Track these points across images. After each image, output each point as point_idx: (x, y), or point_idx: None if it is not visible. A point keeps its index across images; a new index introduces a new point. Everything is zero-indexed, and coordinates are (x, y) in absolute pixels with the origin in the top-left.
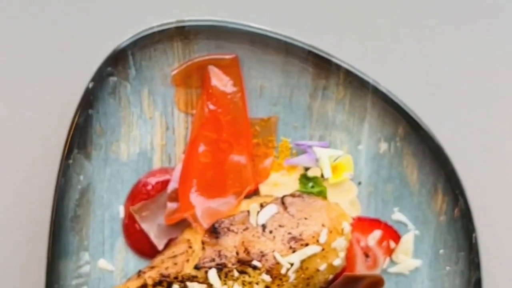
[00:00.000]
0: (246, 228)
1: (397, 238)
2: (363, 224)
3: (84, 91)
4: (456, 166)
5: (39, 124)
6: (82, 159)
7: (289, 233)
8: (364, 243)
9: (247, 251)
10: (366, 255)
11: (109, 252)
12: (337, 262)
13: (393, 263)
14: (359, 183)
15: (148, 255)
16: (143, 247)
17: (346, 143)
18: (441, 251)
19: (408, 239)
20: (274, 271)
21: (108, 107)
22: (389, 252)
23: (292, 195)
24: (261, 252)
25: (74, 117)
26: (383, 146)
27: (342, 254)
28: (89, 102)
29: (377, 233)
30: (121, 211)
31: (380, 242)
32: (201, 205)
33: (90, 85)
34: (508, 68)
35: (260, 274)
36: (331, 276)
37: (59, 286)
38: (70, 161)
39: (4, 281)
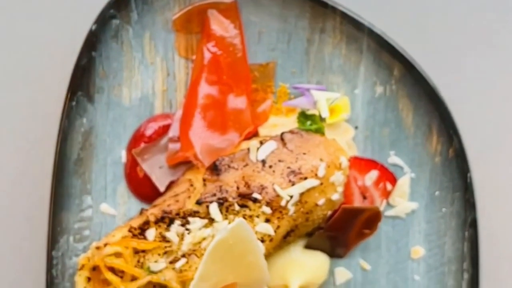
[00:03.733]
0: (246, 165)
1: (393, 180)
2: (360, 163)
3: (87, 33)
4: (450, 107)
5: (43, 65)
6: (85, 101)
7: (288, 168)
8: (361, 183)
9: (247, 185)
10: (364, 197)
11: (111, 197)
12: (335, 197)
13: (389, 206)
14: (356, 128)
15: (150, 200)
16: (145, 190)
17: (343, 87)
18: (437, 192)
19: (404, 182)
20: (274, 204)
21: (110, 50)
22: (386, 194)
23: (291, 132)
24: (261, 185)
25: (78, 58)
26: (379, 89)
27: (340, 189)
28: (92, 44)
29: (373, 174)
30: (123, 156)
31: (377, 183)
32: (201, 144)
33: (93, 27)
34: (503, 9)
35: (260, 207)
36: (329, 212)
37: (61, 229)
38: (74, 103)
39: (7, 224)
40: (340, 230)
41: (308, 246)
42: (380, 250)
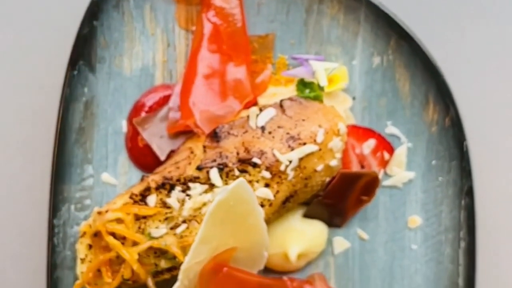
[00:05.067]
0: (246, 131)
1: (390, 149)
2: (358, 132)
3: (89, 2)
4: (446, 76)
5: (45, 34)
6: (87, 71)
7: (288, 133)
8: (359, 151)
9: (247, 151)
10: (362, 166)
11: (112, 167)
12: (334, 163)
13: (387, 176)
14: (354, 98)
15: (150, 169)
16: (145, 160)
17: (341, 58)
18: (434, 162)
19: (401, 152)
20: (273, 168)
21: (112, 20)
22: (383, 164)
23: (290, 99)
24: (261, 150)
25: (80, 27)
26: (376, 60)
27: (338, 155)
28: (94, 14)
29: (371, 142)
30: (124, 126)
31: (374, 152)
32: (201, 112)
33: None
34: None
35: (259, 172)
36: (327, 179)
37: (63, 198)
38: (75, 72)
39: (9, 193)
40: (338, 196)
41: (306, 216)
42: (377, 220)
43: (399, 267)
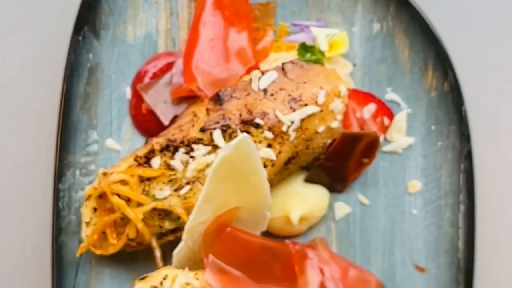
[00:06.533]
0: (248, 94)
1: (390, 115)
2: (358, 96)
3: None
4: (445, 40)
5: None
6: (91, 37)
7: (289, 95)
8: (359, 115)
9: (250, 112)
10: (362, 130)
11: (116, 132)
12: (335, 124)
13: (387, 141)
14: (354, 65)
15: (154, 136)
16: (149, 126)
17: (341, 25)
18: (433, 127)
19: (401, 118)
20: (275, 129)
21: None
22: (383, 129)
23: (292, 62)
24: (263, 111)
25: None
26: (376, 26)
27: (339, 117)
28: None
29: (371, 107)
30: (128, 92)
31: (374, 117)
32: (204, 75)
33: None
34: None
35: (262, 132)
36: (328, 140)
37: (68, 162)
38: (80, 38)
39: (15, 157)
40: (339, 158)
41: (308, 181)
42: (378, 185)
43: (400, 232)
